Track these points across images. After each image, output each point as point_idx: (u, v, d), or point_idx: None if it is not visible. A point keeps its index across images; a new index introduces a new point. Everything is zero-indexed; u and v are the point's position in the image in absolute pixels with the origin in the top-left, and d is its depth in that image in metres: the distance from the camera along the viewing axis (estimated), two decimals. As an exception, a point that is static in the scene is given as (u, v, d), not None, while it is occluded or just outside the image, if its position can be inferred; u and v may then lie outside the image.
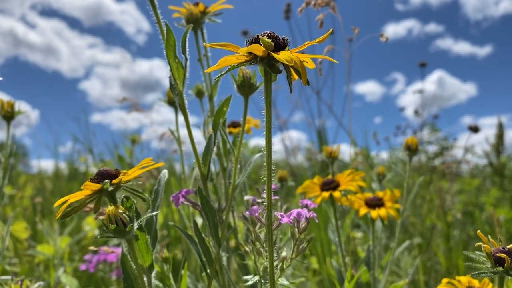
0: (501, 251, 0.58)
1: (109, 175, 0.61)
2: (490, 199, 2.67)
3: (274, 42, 0.45)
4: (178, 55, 0.65)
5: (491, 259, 0.59)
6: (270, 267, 0.58)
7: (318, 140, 3.15)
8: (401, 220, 1.18)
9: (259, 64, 0.47)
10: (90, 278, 1.81)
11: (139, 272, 0.64)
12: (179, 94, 0.67)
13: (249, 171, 0.70)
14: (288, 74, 0.47)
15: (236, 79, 0.70)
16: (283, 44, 0.47)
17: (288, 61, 0.42)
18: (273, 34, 0.46)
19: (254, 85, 0.71)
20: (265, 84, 0.49)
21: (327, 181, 1.09)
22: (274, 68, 0.46)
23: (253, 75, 0.70)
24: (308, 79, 0.47)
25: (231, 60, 0.46)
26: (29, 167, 5.14)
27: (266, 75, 0.49)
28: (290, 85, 0.46)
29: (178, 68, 0.65)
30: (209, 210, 0.68)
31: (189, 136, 0.71)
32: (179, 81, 0.66)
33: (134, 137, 2.45)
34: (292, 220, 0.62)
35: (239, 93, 0.71)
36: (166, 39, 0.63)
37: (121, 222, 0.58)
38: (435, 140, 3.47)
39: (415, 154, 1.15)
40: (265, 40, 0.45)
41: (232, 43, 0.49)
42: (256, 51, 0.44)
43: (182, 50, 0.65)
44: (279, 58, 0.43)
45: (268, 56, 0.45)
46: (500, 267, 0.58)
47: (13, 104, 1.21)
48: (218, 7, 0.91)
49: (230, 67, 0.47)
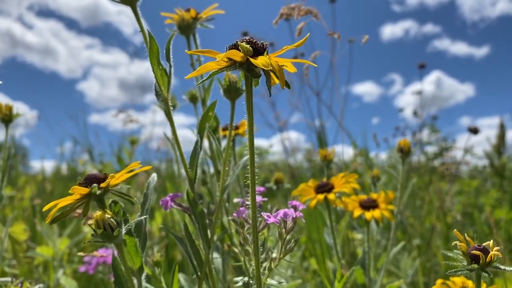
0: (476, 248, 0.59)
1: (97, 179, 0.62)
2: (489, 200, 2.66)
3: (252, 48, 0.46)
4: (162, 62, 0.66)
5: (467, 257, 0.59)
6: (256, 268, 0.59)
7: (318, 141, 3.15)
8: (395, 221, 1.18)
9: (239, 69, 0.48)
10: (90, 280, 1.82)
11: (128, 275, 0.65)
12: (165, 100, 0.68)
13: (237, 172, 0.71)
14: (267, 78, 0.47)
15: (222, 83, 0.71)
16: (262, 49, 0.47)
17: (265, 65, 0.43)
18: (252, 39, 0.47)
19: (240, 89, 0.72)
20: (246, 88, 0.50)
21: (322, 184, 1.10)
22: (253, 73, 0.47)
23: (239, 80, 0.71)
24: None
25: (211, 66, 0.47)
26: (28, 168, 5.17)
27: (246, 80, 0.50)
28: (269, 89, 0.47)
29: (163, 75, 0.66)
30: (198, 213, 0.69)
31: (175, 140, 0.72)
32: (164, 88, 0.67)
33: (133, 139, 2.47)
34: (278, 220, 0.62)
35: (225, 97, 0.72)
36: (150, 47, 0.64)
37: (109, 227, 0.59)
38: (434, 140, 3.47)
39: (407, 156, 1.16)
40: (243, 45, 0.45)
41: (213, 50, 0.50)
42: (235, 56, 0.45)
43: (166, 57, 0.66)
44: (256, 63, 0.44)
45: (247, 61, 0.46)
46: (476, 264, 0.58)
47: (11, 107, 1.21)
48: (209, 12, 0.92)
49: (211, 73, 0.48)
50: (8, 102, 1.22)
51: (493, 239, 1.41)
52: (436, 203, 2.46)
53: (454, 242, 0.61)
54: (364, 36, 1.08)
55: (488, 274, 0.57)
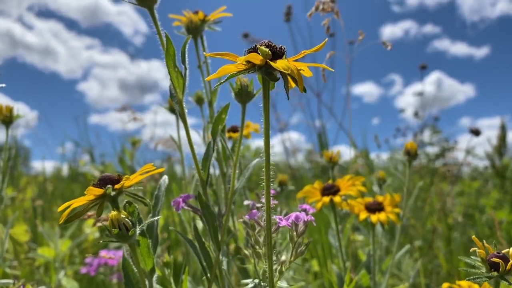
0: (496, 256, 0.58)
1: (111, 181, 0.62)
2: (490, 202, 2.67)
3: (271, 51, 0.46)
4: (177, 65, 0.66)
5: (486, 264, 0.59)
6: (269, 270, 0.59)
7: (319, 142, 3.16)
8: (401, 225, 1.18)
9: (257, 72, 0.48)
10: (91, 281, 1.82)
11: (141, 276, 0.65)
12: (179, 102, 0.68)
13: (247, 176, 0.71)
14: (285, 81, 0.48)
15: (233, 87, 0.71)
16: (280, 52, 0.48)
17: (285, 69, 0.43)
18: (271, 43, 0.47)
19: (251, 93, 0.72)
20: (263, 91, 0.50)
21: (328, 186, 1.09)
22: (272, 76, 0.47)
23: (250, 83, 0.72)
24: (305, 86, 0.48)
25: (230, 69, 0.47)
26: (29, 168, 5.15)
27: (264, 83, 0.50)
28: (287, 92, 0.47)
29: (178, 77, 0.66)
30: (209, 215, 0.69)
31: (189, 143, 0.72)
32: (179, 90, 0.67)
33: (134, 140, 2.46)
34: (290, 223, 0.62)
35: (237, 100, 0.72)
36: (166, 49, 0.64)
37: (124, 227, 0.59)
38: (436, 141, 3.47)
39: (414, 159, 1.16)
40: (262, 49, 0.46)
41: (230, 52, 0.50)
42: (254, 59, 0.45)
43: (182, 60, 0.67)
44: (276, 66, 0.44)
45: (266, 65, 0.47)
46: (495, 272, 0.58)
47: (12, 109, 1.21)
48: (217, 15, 0.92)
49: (229, 75, 0.48)
50: (9, 102, 1.21)
51: (498, 242, 1.40)
52: (438, 205, 2.46)
53: (473, 248, 0.61)
54: (384, 42, 1.09)
55: (508, 282, 0.57)
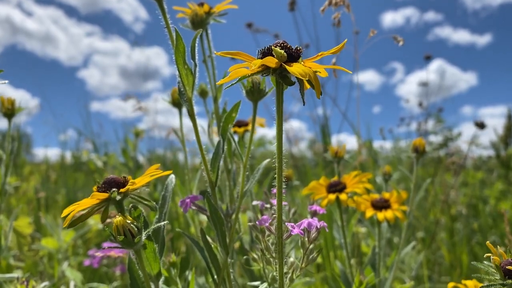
0: (510, 263, 0.57)
1: (116, 184, 0.59)
2: (494, 192, 2.65)
3: (287, 53, 0.44)
4: (187, 61, 0.63)
5: (500, 271, 0.58)
6: (280, 278, 0.57)
7: (321, 132, 3.13)
8: (407, 221, 1.17)
9: (271, 75, 0.45)
10: (94, 272, 1.82)
11: (147, 281, 0.63)
12: (189, 100, 0.65)
13: (257, 177, 0.69)
14: (301, 86, 0.45)
15: (245, 84, 0.68)
16: (296, 54, 0.45)
17: (303, 75, 0.40)
18: (286, 44, 0.44)
19: (263, 91, 0.69)
20: (277, 94, 0.47)
21: (334, 183, 1.07)
22: (287, 80, 0.44)
23: (262, 81, 0.69)
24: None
25: (243, 72, 0.44)
26: (32, 156, 5.15)
27: (277, 86, 0.47)
28: (303, 97, 0.45)
29: (188, 74, 0.63)
30: (217, 218, 0.67)
31: (197, 142, 0.69)
32: (188, 88, 0.64)
33: (137, 131, 2.44)
34: (302, 231, 0.60)
35: (248, 98, 0.70)
36: (176, 46, 0.61)
37: (129, 232, 0.57)
38: (439, 130, 3.44)
39: (422, 156, 1.13)
40: (277, 51, 0.43)
41: (242, 52, 0.48)
42: (269, 63, 0.43)
43: (191, 56, 0.64)
44: (292, 71, 0.41)
45: (281, 67, 0.44)
46: (510, 280, 0.57)
47: (13, 101, 1.20)
48: (223, 7, 0.88)
49: (241, 77, 0.45)
50: (10, 90, 1.20)
51: (509, 240, 1.38)
52: (441, 196, 2.45)
53: (487, 254, 0.59)
54: (395, 36, 1.06)
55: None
